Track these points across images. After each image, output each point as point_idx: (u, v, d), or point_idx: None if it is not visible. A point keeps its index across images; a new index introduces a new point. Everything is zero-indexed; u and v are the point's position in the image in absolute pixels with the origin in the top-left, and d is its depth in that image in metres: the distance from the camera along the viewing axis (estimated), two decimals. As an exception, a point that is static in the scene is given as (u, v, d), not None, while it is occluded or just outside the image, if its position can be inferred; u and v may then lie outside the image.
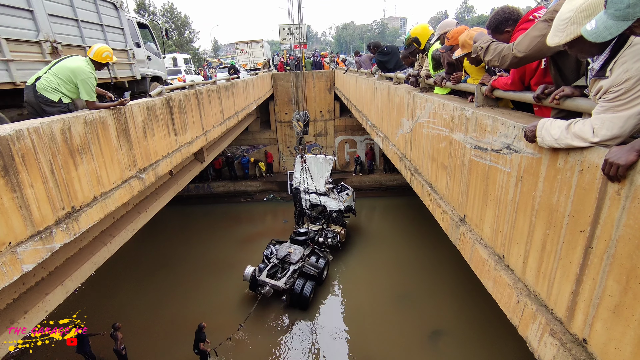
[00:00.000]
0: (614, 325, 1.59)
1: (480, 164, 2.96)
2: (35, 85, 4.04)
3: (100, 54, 4.42)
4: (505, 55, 2.38)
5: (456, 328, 9.35)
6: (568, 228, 1.86)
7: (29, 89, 4.06)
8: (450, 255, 11.20)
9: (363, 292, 11.08)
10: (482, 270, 2.94)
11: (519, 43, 2.28)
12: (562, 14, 1.69)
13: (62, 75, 4.14)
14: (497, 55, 2.47)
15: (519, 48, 2.27)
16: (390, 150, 6.95)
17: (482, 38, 2.71)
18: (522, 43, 2.26)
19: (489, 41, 2.60)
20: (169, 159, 6.15)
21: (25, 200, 3.00)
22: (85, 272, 4.64)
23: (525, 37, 2.26)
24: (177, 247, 14.23)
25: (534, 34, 2.20)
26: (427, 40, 5.02)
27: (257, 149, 20.24)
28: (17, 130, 2.95)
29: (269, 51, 29.20)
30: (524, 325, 2.30)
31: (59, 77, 4.12)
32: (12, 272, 2.87)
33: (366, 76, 9.82)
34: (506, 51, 2.38)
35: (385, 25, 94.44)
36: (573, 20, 1.63)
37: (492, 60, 2.54)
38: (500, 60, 2.45)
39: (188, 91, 7.31)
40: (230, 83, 10.75)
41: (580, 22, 1.60)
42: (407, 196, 14.76)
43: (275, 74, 19.47)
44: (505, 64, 2.43)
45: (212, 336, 8.65)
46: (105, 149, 4.31)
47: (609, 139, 1.59)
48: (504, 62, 2.43)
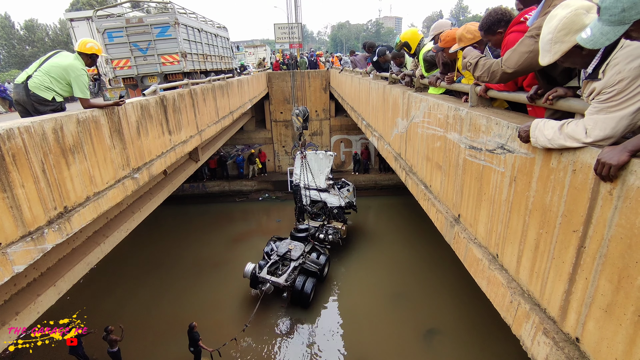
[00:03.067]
0: (606, 324, 1.60)
1: (474, 164, 2.97)
2: (27, 83, 3.97)
3: (84, 45, 4.31)
4: (495, 70, 2.41)
5: (451, 327, 9.40)
6: (561, 228, 1.87)
7: (20, 87, 3.98)
8: (445, 254, 11.22)
9: (359, 291, 11.10)
10: (476, 269, 2.95)
11: (508, 59, 2.31)
12: (544, 36, 1.78)
13: (55, 74, 4.07)
14: (486, 70, 2.50)
15: (508, 64, 2.30)
16: (386, 150, 6.96)
17: (470, 54, 2.73)
18: (511, 59, 2.29)
19: (478, 57, 2.63)
20: (163, 158, 6.11)
21: (16, 200, 2.97)
22: (78, 273, 4.59)
23: (513, 52, 2.28)
24: (172, 246, 14.15)
25: (522, 49, 2.23)
26: (417, 45, 5.07)
27: (252, 148, 20.19)
28: (8, 130, 2.91)
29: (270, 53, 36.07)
30: (517, 324, 2.31)
31: (51, 76, 4.05)
32: (3, 273, 2.84)
33: (361, 76, 9.82)
34: (495, 67, 2.40)
35: (381, 25, 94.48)
36: (555, 40, 1.72)
37: (481, 75, 2.57)
38: (490, 76, 2.48)
39: (182, 90, 7.26)
40: (225, 82, 10.70)
41: (561, 40, 1.69)
42: (403, 195, 14.81)
43: (270, 73, 19.41)
44: (495, 80, 2.47)
45: (210, 335, 8.62)
46: (98, 149, 4.27)
47: (601, 139, 1.61)
48: (493, 77, 2.46)
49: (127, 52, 10.10)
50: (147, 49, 10.11)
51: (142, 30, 9.85)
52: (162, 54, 10.20)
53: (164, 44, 10.08)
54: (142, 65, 10.33)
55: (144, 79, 10.54)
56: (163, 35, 9.95)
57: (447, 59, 3.99)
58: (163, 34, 9.95)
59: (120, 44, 10.04)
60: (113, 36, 9.97)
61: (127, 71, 10.35)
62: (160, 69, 10.33)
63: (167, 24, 9.83)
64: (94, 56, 4.42)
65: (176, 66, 10.39)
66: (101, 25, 9.88)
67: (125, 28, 9.80)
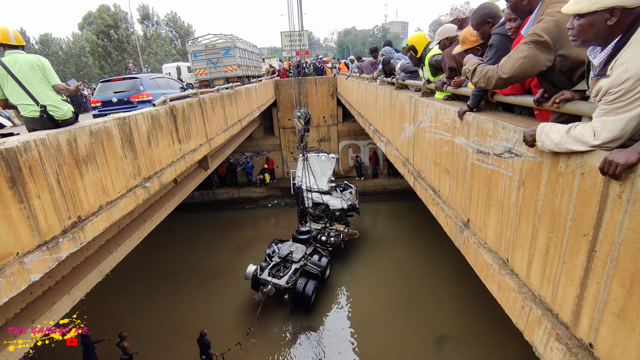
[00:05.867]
0: (619, 329, 1.58)
1: (482, 168, 2.96)
2: (52, 116, 3.84)
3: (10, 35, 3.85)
4: (491, 76, 2.43)
5: (462, 333, 9.26)
6: (571, 232, 1.86)
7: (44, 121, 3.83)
8: (454, 259, 11.11)
9: (368, 297, 11.02)
10: (487, 274, 2.93)
11: (503, 65, 2.33)
12: None
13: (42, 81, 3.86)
14: (482, 76, 2.52)
15: (503, 70, 2.32)
16: (393, 155, 6.96)
17: (470, 61, 2.75)
18: (506, 65, 2.31)
19: (476, 64, 2.65)
20: (173, 167, 6.20)
21: (32, 210, 3.05)
22: (91, 281, 4.67)
23: (508, 59, 2.30)
24: (182, 254, 14.28)
25: (516, 55, 2.25)
26: (424, 48, 5.08)
27: (260, 155, 20.32)
28: (25, 142, 3.00)
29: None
30: (529, 330, 2.28)
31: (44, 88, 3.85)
32: (20, 282, 2.91)
33: (368, 81, 9.86)
34: (491, 73, 2.43)
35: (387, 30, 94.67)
36: None
37: (478, 81, 2.59)
38: (486, 82, 2.50)
39: (191, 100, 7.38)
40: (233, 90, 10.84)
41: None
42: (411, 200, 14.66)
43: (278, 81, 19.61)
44: (491, 85, 2.48)
45: (219, 342, 8.64)
46: (111, 159, 4.36)
47: (610, 140, 1.59)
48: (489, 83, 2.48)
49: (204, 65, 15.87)
50: (216, 62, 15.87)
51: (214, 52, 15.70)
52: (225, 65, 15.86)
53: (227, 59, 15.86)
54: (213, 73, 15.95)
55: (213, 81, 15.95)
56: (227, 54, 15.82)
57: (454, 64, 3.99)
58: (227, 53, 15.81)
59: (200, 60, 15.85)
60: (197, 55, 15.81)
61: (204, 76, 16.03)
62: (224, 74, 15.94)
63: (229, 48, 15.73)
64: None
65: (233, 73, 16.14)
66: (190, 49, 16.06)
67: (204, 50, 15.71)
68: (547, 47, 2.13)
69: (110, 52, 40.45)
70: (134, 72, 19.51)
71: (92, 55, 40.80)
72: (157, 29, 48.05)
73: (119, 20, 40.37)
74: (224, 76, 15.97)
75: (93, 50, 39.64)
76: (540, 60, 2.17)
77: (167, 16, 48.96)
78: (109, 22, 39.50)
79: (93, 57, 41.13)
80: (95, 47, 39.30)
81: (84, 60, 47.49)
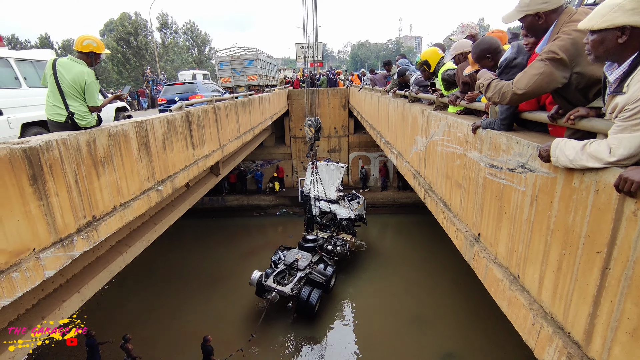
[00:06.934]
0: (633, 349, 1.55)
1: (494, 183, 2.95)
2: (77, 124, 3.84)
3: (80, 42, 3.93)
4: (506, 92, 2.44)
5: (469, 350, 9.06)
6: (584, 249, 1.84)
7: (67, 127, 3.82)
8: (462, 275, 10.95)
9: (374, 311, 10.88)
10: (497, 290, 2.89)
11: (518, 81, 2.34)
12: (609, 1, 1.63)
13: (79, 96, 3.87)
14: (497, 92, 2.53)
15: (518, 86, 2.33)
16: (404, 167, 6.96)
17: (484, 75, 2.76)
18: (521, 81, 2.32)
19: (490, 78, 2.66)
20: (186, 171, 6.30)
21: (50, 208, 3.13)
22: (101, 281, 4.74)
23: (524, 75, 2.32)
24: (189, 258, 14.35)
25: (532, 72, 2.26)
26: (437, 63, 5.13)
27: (271, 163, 20.46)
28: (47, 142, 3.11)
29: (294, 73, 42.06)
30: (540, 348, 2.24)
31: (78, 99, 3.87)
32: (35, 277, 2.98)
33: (380, 94, 9.93)
34: (506, 88, 2.44)
35: (401, 44, 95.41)
36: (618, 8, 1.57)
37: (492, 97, 2.60)
38: (501, 97, 2.50)
39: (207, 106, 7.53)
40: (247, 99, 11.02)
41: (624, 12, 1.54)
42: (421, 214, 14.59)
43: (290, 91, 19.86)
44: (505, 101, 2.49)
45: (221, 348, 8.60)
46: (127, 161, 4.46)
47: (626, 157, 1.59)
48: (503, 98, 2.49)
49: (229, 74, 18.24)
50: (240, 72, 18.13)
51: (238, 62, 18.09)
52: (248, 75, 18.11)
53: (249, 69, 18.13)
54: (236, 81, 18.19)
55: (237, 88, 17.94)
56: (250, 64, 18.10)
57: (468, 79, 4.02)
58: (250, 64, 18.10)
59: (226, 69, 18.30)
60: (222, 65, 18.36)
61: (228, 84, 18.14)
62: (246, 82, 18.13)
63: (252, 59, 17.98)
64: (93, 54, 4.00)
65: (255, 82, 18.29)
66: (217, 60, 19.19)
67: (230, 61, 18.14)
68: (563, 64, 2.15)
69: (129, 59, 41.58)
70: (151, 78, 19.95)
71: (112, 60, 41.96)
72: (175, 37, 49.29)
73: (139, 28, 41.61)
74: (246, 84, 18.06)
75: (112, 56, 40.81)
76: (556, 77, 2.18)
77: (185, 25, 50.22)
78: (129, 29, 40.73)
79: (112, 62, 42.30)
80: (115, 53, 40.45)
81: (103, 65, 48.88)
